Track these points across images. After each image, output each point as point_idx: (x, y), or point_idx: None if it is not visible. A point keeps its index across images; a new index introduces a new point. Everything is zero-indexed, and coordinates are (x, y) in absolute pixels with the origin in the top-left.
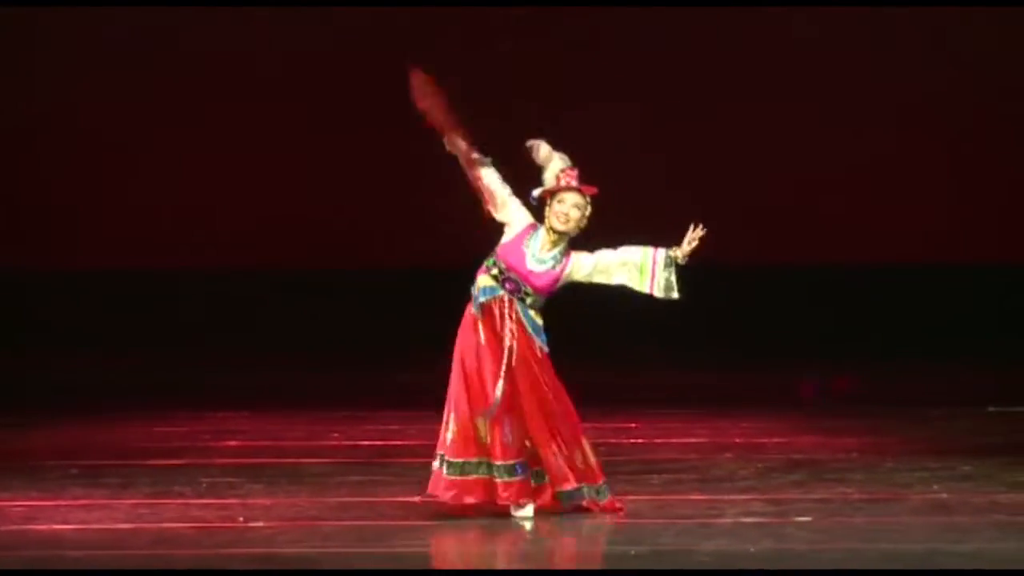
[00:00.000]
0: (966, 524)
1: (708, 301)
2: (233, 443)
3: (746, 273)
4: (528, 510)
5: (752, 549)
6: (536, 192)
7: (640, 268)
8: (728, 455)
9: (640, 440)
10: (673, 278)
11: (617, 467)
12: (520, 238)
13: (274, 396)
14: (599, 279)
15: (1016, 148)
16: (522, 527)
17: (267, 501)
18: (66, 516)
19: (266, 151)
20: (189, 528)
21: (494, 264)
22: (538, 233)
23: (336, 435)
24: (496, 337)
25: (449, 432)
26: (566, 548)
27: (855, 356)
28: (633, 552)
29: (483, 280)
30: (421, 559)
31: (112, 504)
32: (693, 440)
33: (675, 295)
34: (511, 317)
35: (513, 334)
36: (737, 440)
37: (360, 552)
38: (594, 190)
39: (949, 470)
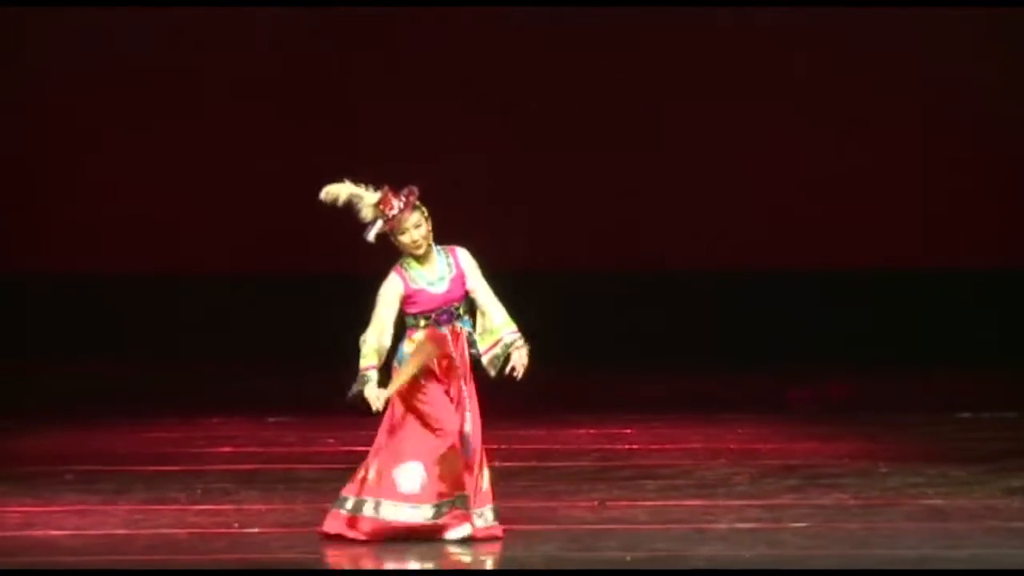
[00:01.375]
0: (961, 530)
1: (702, 306)
2: (227, 449)
3: (740, 278)
4: (464, 529)
5: (747, 555)
6: (371, 236)
7: (490, 333)
8: (723, 461)
9: (635, 446)
10: (499, 362)
11: (612, 473)
12: (409, 290)
13: (268, 401)
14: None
15: (1011, 154)
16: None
17: (262, 507)
18: (61, 522)
19: (265, 154)
20: (184, 534)
21: (415, 322)
22: (409, 270)
23: (331, 440)
24: (442, 379)
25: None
26: (559, 552)
27: (849, 362)
28: (628, 558)
29: (409, 345)
30: (416, 563)
31: (107, 510)
32: (688, 446)
33: (492, 373)
34: (456, 349)
35: (458, 364)
36: (732, 446)
37: (355, 556)
38: (415, 192)
39: (943, 476)
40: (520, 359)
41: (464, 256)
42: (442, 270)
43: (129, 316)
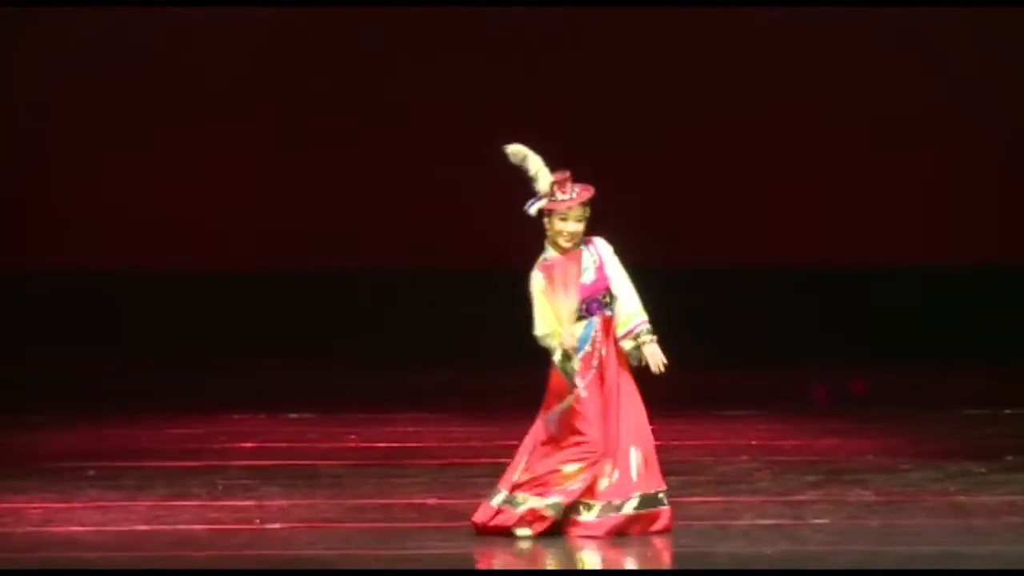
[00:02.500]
0: (982, 526)
1: (723, 302)
2: (249, 445)
3: (762, 274)
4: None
5: (769, 551)
6: (534, 208)
7: (622, 324)
8: (744, 457)
9: (656, 442)
10: (633, 354)
11: None
12: (564, 280)
13: (290, 398)
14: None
15: (1010, 152)
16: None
17: (283, 503)
18: (82, 518)
19: (276, 151)
20: (205, 530)
21: None
22: (558, 262)
23: (352, 437)
24: (593, 370)
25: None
26: (579, 549)
27: (871, 358)
28: (649, 554)
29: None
30: (437, 560)
31: (128, 506)
32: (709, 442)
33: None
34: (604, 339)
35: (604, 353)
36: (753, 442)
37: (376, 554)
38: (591, 191)
39: (965, 472)
40: (653, 355)
41: (602, 244)
42: (587, 262)
43: (151, 312)
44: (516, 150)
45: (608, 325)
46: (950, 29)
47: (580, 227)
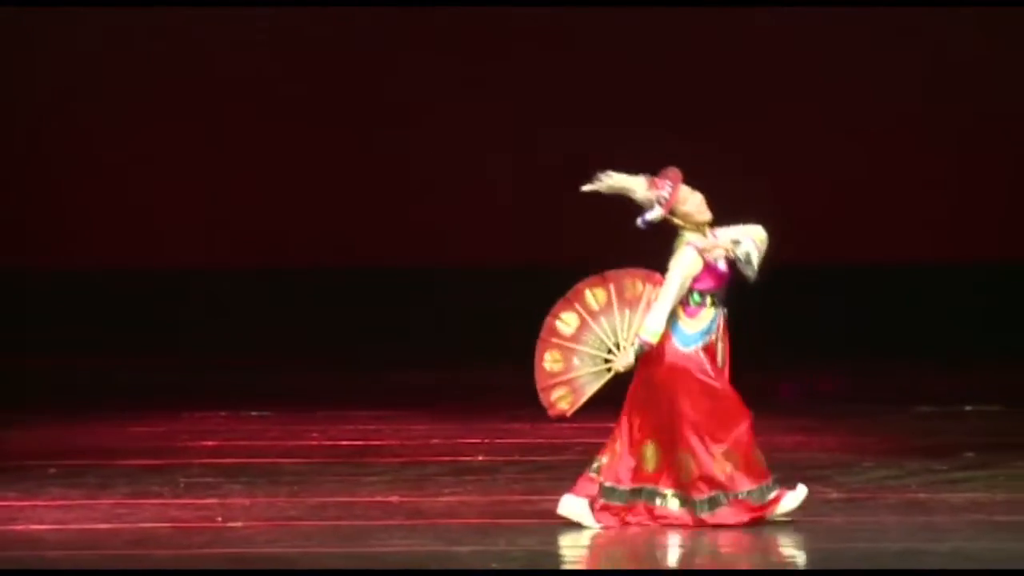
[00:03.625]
0: (944, 523)
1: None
2: (211, 443)
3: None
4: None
5: (728, 549)
6: (651, 216)
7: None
8: None
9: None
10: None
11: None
12: (704, 265)
13: (252, 396)
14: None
15: (1013, 149)
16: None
17: (245, 501)
18: (44, 516)
19: (261, 150)
20: (167, 528)
21: (700, 300)
22: (699, 241)
23: (315, 435)
24: (714, 356)
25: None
26: (541, 547)
27: (836, 355)
28: (609, 552)
29: (694, 325)
30: (400, 559)
31: (90, 504)
32: None
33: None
34: (724, 333)
35: (722, 341)
36: None
37: (338, 552)
38: (676, 171)
39: (927, 469)
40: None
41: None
42: (718, 242)
43: (112, 311)
44: (603, 185)
45: (726, 320)
46: (950, 29)
47: (699, 194)
